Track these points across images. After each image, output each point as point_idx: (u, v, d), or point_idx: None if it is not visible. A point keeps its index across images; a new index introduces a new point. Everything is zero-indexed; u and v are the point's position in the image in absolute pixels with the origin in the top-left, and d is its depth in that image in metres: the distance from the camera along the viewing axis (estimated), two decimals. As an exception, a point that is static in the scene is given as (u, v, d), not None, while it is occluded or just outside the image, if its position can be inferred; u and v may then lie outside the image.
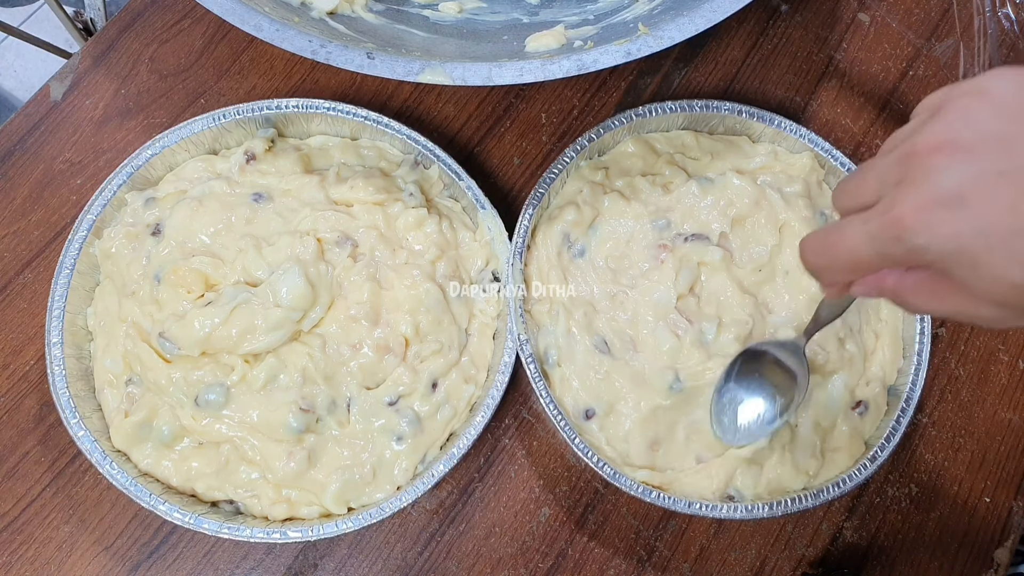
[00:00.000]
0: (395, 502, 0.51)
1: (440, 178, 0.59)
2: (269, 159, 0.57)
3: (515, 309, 0.54)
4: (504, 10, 0.59)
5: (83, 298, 0.55)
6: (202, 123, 0.57)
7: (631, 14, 0.55)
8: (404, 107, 0.64)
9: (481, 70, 0.46)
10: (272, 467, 0.51)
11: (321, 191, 0.56)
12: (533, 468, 0.57)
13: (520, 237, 0.56)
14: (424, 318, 0.54)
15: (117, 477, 0.51)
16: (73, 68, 0.64)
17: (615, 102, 0.64)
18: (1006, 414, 0.59)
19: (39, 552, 0.54)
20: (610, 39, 0.47)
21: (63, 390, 0.52)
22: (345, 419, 0.52)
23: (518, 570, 0.55)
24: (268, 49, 0.64)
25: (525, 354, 0.53)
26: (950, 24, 0.67)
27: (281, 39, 0.46)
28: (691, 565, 0.55)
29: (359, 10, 0.55)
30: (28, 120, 0.62)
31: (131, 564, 0.54)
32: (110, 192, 0.56)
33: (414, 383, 0.53)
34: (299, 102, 0.57)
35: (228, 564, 0.54)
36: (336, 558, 0.55)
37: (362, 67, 0.46)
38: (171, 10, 0.66)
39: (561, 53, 0.49)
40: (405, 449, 0.52)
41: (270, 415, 0.51)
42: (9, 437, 0.56)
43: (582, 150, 0.58)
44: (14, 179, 0.61)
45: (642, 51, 0.46)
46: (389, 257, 0.55)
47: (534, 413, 0.57)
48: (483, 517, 0.56)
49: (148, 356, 0.52)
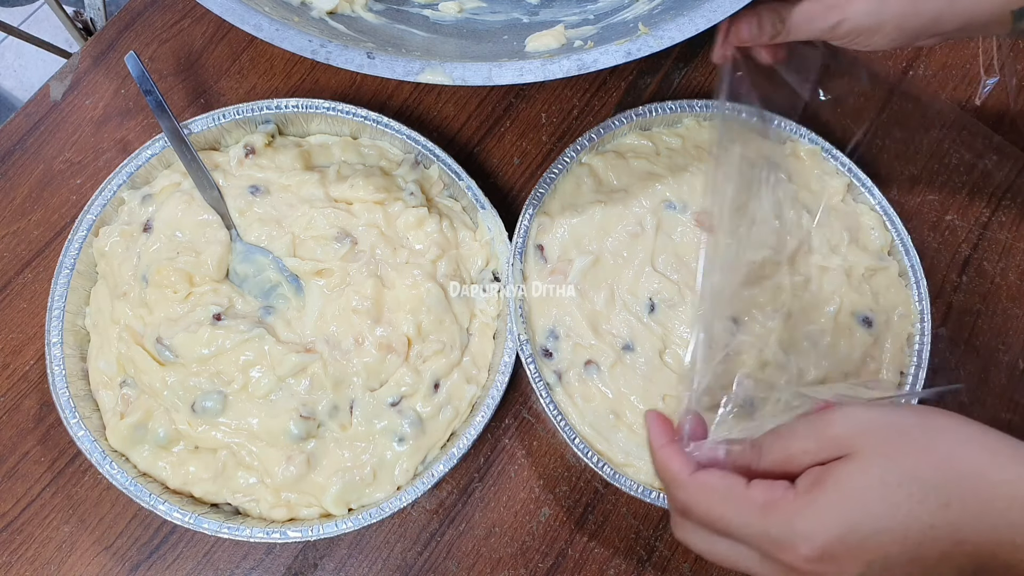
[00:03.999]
0: (395, 502, 0.51)
1: (440, 178, 0.59)
2: (269, 154, 0.57)
3: (515, 309, 0.54)
4: (504, 10, 0.59)
5: (83, 298, 0.55)
6: (202, 123, 0.57)
7: (631, 14, 0.55)
8: (404, 107, 0.64)
9: (481, 70, 0.46)
10: (271, 472, 0.51)
11: (321, 188, 0.56)
12: (533, 468, 0.57)
13: (520, 237, 0.56)
14: (426, 318, 0.54)
15: (117, 477, 0.50)
16: (73, 68, 0.64)
17: (615, 102, 0.64)
18: (1006, 414, 0.59)
19: (39, 552, 0.54)
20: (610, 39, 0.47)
21: (63, 390, 0.52)
22: (347, 422, 0.52)
23: (518, 570, 0.55)
24: (268, 49, 0.64)
25: (525, 354, 0.53)
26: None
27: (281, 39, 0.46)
28: (691, 565, 0.55)
29: (359, 10, 0.55)
30: (28, 120, 0.62)
31: (131, 564, 0.54)
32: (110, 192, 0.56)
33: (416, 383, 0.53)
34: (299, 102, 0.57)
35: (228, 564, 0.54)
36: (336, 558, 0.55)
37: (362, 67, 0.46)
38: (171, 10, 0.66)
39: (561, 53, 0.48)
40: (406, 450, 0.52)
41: (271, 422, 0.51)
42: (9, 437, 0.56)
43: (582, 150, 0.58)
44: (14, 179, 0.61)
45: (642, 51, 0.46)
46: (390, 256, 0.55)
47: (534, 413, 0.57)
48: (483, 517, 0.56)
49: (142, 359, 0.52)
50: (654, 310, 0.55)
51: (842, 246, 0.57)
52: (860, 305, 0.56)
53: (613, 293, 0.56)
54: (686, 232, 0.57)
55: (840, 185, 0.59)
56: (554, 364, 0.55)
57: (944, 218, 0.64)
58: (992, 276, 0.62)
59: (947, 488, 0.32)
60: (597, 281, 0.56)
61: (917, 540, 0.32)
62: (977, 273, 0.62)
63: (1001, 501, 0.31)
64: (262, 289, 0.54)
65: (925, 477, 0.32)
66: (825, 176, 0.60)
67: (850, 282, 0.56)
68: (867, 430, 0.33)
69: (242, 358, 0.52)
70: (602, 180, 0.59)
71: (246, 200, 0.55)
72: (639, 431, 0.53)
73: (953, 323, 0.61)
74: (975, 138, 0.66)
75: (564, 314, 0.55)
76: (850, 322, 0.55)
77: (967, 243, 0.63)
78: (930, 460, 0.32)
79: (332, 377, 0.52)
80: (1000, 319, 0.61)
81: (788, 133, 0.60)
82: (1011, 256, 0.63)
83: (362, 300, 0.53)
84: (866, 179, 0.59)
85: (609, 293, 0.55)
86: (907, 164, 0.65)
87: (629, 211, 0.57)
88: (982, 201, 0.65)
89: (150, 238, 0.54)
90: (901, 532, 0.32)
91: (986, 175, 0.65)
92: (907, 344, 0.56)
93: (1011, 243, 0.63)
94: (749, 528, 0.34)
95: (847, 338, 0.55)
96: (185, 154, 0.55)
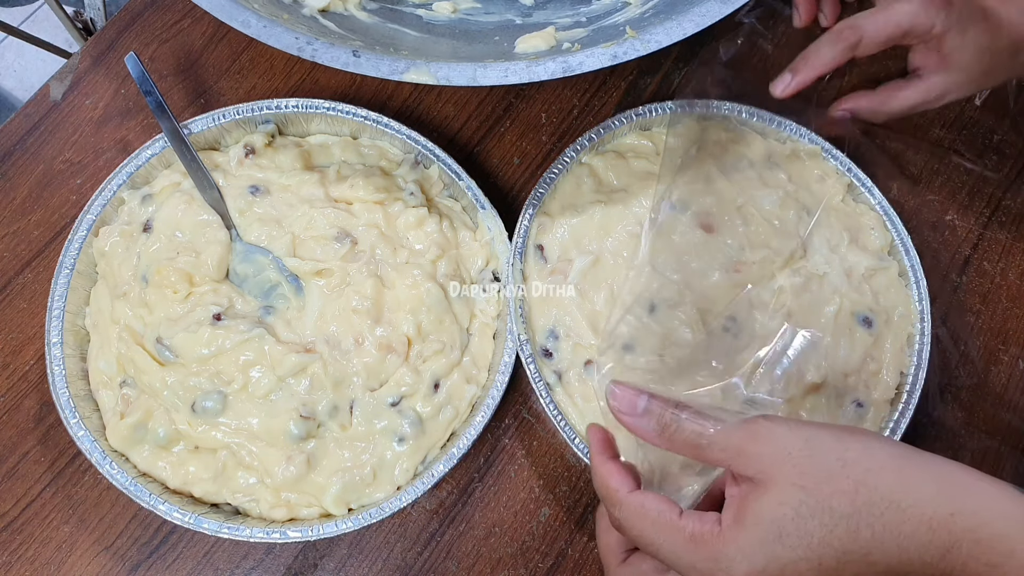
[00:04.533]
0: (395, 502, 0.51)
1: (440, 178, 0.59)
2: (269, 154, 0.57)
3: (515, 309, 0.54)
4: (498, 11, 0.59)
5: (83, 298, 0.55)
6: (202, 123, 0.57)
7: (622, 17, 0.55)
8: (404, 107, 0.64)
9: (466, 70, 0.46)
10: (271, 472, 0.51)
11: (321, 188, 0.56)
12: (533, 468, 0.57)
13: (520, 237, 0.56)
14: (426, 318, 0.54)
15: (117, 477, 0.50)
16: (73, 68, 0.64)
17: (615, 102, 0.64)
18: (1006, 414, 0.59)
19: (39, 552, 0.54)
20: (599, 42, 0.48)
21: (63, 390, 0.52)
22: (347, 422, 0.52)
23: (518, 570, 0.55)
24: (268, 49, 0.64)
25: (525, 354, 0.53)
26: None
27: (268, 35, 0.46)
28: (691, 565, 0.55)
29: (352, 8, 0.55)
30: (28, 120, 0.62)
31: (131, 564, 0.54)
32: (110, 192, 0.56)
33: (416, 383, 0.53)
34: (299, 102, 0.57)
35: (228, 564, 0.54)
36: (336, 558, 0.55)
37: (347, 65, 0.46)
38: (171, 10, 0.66)
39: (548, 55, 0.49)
40: (406, 450, 0.52)
41: (271, 422, 0.51)
42: (9, 437, 0.56)
43: (582, 150, 0.58)
44: (14, 179, 0.61)
45: (628, 54, 0.46)
46: (390, 256, 0.55)
47: (534, 413, 0.57)
48: (483, 517, 0.56)
49: (142, 359, 0.52)
50: (654, 310, 0.55)
51: (842, 246, 0.57)
52: (860, 305, 0.56)
53: (613, 293, 0.56)
54: (686, 232, 0.57)
55: (840, 185, 0.59)
56: (554, 364, 0.55)
57: (944, 218, 0.64)
58: (992, 276, 0.62)
59: (857, 517, 0.34)
60: (597, 281, 0.56)
61: (832, 566, 0.35)
62: (977, 273, 0.62)
63: (908, 525, 0.34)
64: (262, 289, 0.54)
65: (836, 507, 0.35)
66: (825, 176, 0.60)
67: (850, 282, 0.56)
68: (786, 459, 0.36)
69: (242, 358, 0.52)
70: (602, 180, 0.59)
71: (246, 200, 0.55)
72: (639, 431, 0.53)
73: (953, 323, 0.60)
74: (975, 138, 0.66)
75: (564, 314, 0.55)
76: (850, 322, 0.55)
77: (967, 243, 0.63)
78: (842, 489, 0.35)
79: (332, 377, 0.52)
80: (1000, 319, 0.61)
81: (788, 133, 0.60)
82: (1011, 256, 0.63)
83: (362, 300, 0.53)
84: (866, 179, 0.59)
85: (609, 293, 0.55)
86: (907, 164, 0.65)
87: (629, 211, 0.57)
88: (982, 201, 0.65)
89: (150, 238, 0.54)
90: (816, 559, 0.35)
91: (986, 175, 0.65)
92: (907, 344, 0.56)
93: (1011, 243, 0.63)
94: (678, 558, 0.37)
95: (847, 338, 0.55)
96: (185, 154, 0.55)
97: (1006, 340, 0.61)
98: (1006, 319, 0.61)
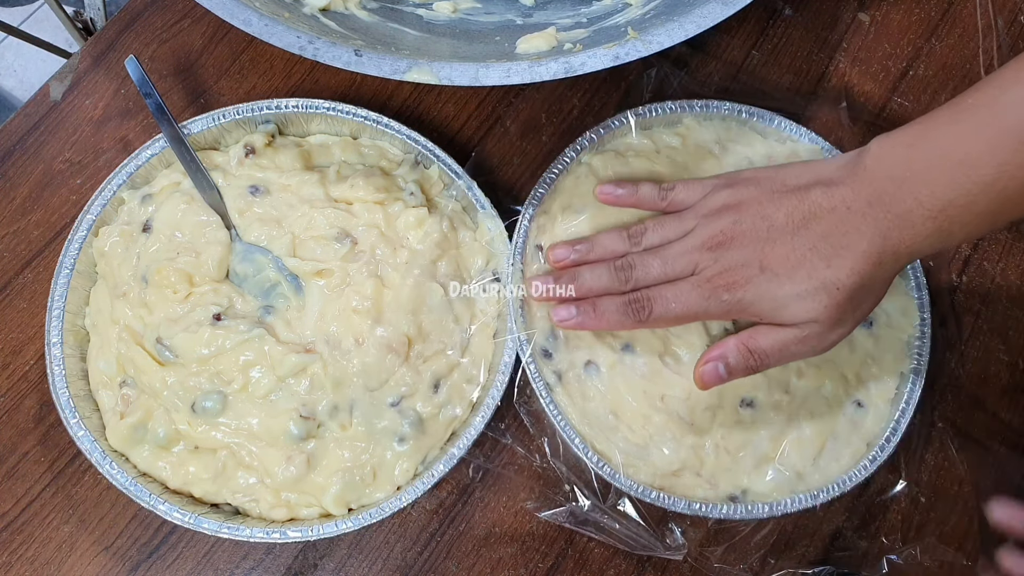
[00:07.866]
0: (395, 502, 0.51)
1: (440, 178, 0.59)
2: (269, 154, 0.57)
3: (515, 309, 0.54)
4: (499, 11, 0.59)
5: (83, 298, 0.55)
6: (202, 123, 0.57)
7: (623, 18, 0.55)
8: (404, 107, 0.64)
9: (468, 70, 0.46)
10: (271, 472, 0.51)
11: (321, 188, 0.56)
12: (533, 468, 0.56)
13: (520, 237, 0.56)
14: (426, 318, 0.54)
15: (117, 477, 0.51)
16: (73, 68, 0.64)
17: (615, 102, 0.64)
18: (1006, 414, 0.59)
19: (39, 552, 0.54)
20: (601, 42, 0.48)
21: (63, 390, 0.52)
22: (347, 422, 0.52)
23: (518, 570, 0.55)
24: (268, 49, 0.64)
25: (525, 354, 0.53)
26: (950, 24, 0.67)
27: (269, 34, 0.46)
28: (691, 565, 0.55)
29: (352, 7, 0.55)
30: (28, 120, 0.62)
31: (131, 564, 0.54)
32: (110, 192, 0.56)
33: (416, 384, 0.53)
34: (299, 102, 0.57)
35: (228, 564, 0.54)
36: (336, 558, 0.55)
37: (349, 64, 0.46)
38: (171, 10, 0.66)
39: (550, 55, 0.49)
40: (407, 450, 0.52)
41: (271, 422, 0.51)
42: (9, 437, 0.56)
43: (582, 150, 0.58)
44: (14, 179, 0.61)
45: (630, 55, 0.46)
46: (390, 256, 0.55)
47: (534, 413, 0.57)
48: (483, 517, 0.56)
49: (142, 359, 0.52)
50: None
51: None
52: (860, 305, 0.56)
53: (613, 293, 0.55)
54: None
55: None
56: (554, 364, 0.55)
57: (944, 218, 0.64)
58: (992, 276, 0.62)
59: None
60: (597, 281, 0.56)
61: None
62: (977, 273, 0.62)
63: None
64: (262, 289, 0.54)
65: None
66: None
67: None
68: None
69: (242, 358, 0.52)
70: (602, 180, 0.59)
71: (246, 200, 0.55)
72: (639, 431, 0.53)
73: (953, 323, 0.60)
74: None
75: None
76: (850, 322, 0.55)
77: (967, 243, 0.63)
78: None
79: (332, 377, 0.52)
80: (1000, 319, 0.61)
81: (788, 133, 0.60)
82: (1011, 256, 0.63)
83: (362, 300, 0.53)
84: (866, 179, 0.59)
85: (609, 293, 0.55)
86: (907, 164, 0.65)
87: (629, 211, 0.57)
88: (982, 201, 0.64)
89: (150, 238, 0.54)
90: None
91: (986, 175, 0.65)
92: (907, 344, 0.56)
93: (1011, 243, 0.63)
94: None
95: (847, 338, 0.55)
96: (185, 156, 0.55)
97: (1006, 340, 0.60)
98: (1006, 319, 0.61)
